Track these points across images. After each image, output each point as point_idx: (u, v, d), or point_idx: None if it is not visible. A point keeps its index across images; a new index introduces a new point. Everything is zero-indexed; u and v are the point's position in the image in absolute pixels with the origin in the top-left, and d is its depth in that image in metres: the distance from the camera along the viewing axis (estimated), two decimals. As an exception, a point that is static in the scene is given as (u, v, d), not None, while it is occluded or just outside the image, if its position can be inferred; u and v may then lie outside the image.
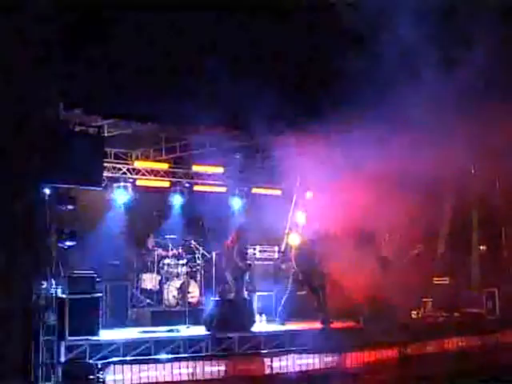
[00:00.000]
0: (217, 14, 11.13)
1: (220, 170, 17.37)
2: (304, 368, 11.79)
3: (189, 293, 14.73)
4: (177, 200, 16.97)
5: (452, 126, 12.67)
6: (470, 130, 12.48)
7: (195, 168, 17.10)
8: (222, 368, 10.95)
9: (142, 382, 10.30)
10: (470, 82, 11.80)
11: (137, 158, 16.66)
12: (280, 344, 12.04)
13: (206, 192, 17.33)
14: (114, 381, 10.11)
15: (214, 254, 14.70)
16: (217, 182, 17.62)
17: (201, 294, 15.27)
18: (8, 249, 10.15)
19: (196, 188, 17.28)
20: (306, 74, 12.07)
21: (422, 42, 11.67)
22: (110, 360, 10.35)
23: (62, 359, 10.17)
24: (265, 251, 15.80)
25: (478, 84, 12.13)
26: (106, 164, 14.43)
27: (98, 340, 10.75)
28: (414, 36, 11.55)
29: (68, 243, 12.40)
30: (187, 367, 10.69)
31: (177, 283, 15.25)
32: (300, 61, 12.20)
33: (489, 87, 12.39)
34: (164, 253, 15.80)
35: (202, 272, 15.37)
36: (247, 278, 13.98)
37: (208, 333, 11.84)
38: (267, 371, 11.39)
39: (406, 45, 11.58)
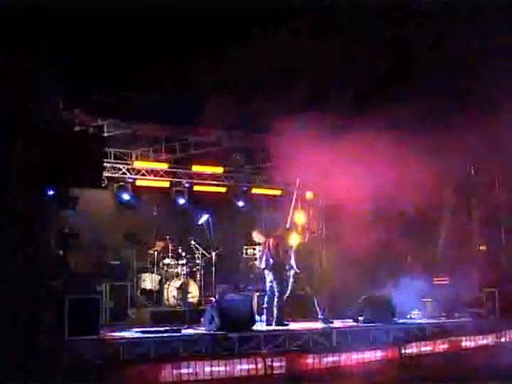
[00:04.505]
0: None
1: (220, 170, 17.39)
2: (304, 368, 11.77)
3: (189, 293, 14.73)
4: (177, 200, 16.99)
5: None
6: None
7: (195, 168, 17.11)
8: (222, 368, 10.94)
9: (142, 381, 10.29)
10: None
11: (137, 158, 16.67)
12: (280, 344, 12.03)
13: (205, 192, 17.35)
14: (115, 380, 10.11)
15: (213, 254, 14.69)
16: (217, 182, 17.62)
17: (201, 294, 15.27)
18: (8, 249, 10.14)
19: (196, 188, 17.29)
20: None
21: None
22: (110, 360, 10.35)
23: (62, 359, 10.15)
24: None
25: None
26: (106, 164, 14.44)
27: (98, 340, 10.74)
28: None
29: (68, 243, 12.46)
30: (187, 367, 10.69)
31: (177, 283, 15.26)
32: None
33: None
34: (164, 253, 15.82)
35: (202, 272, 15.38)
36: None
37: (208, 333, 11.83)
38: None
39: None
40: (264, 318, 13.41)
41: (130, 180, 16.35)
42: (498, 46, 12.34)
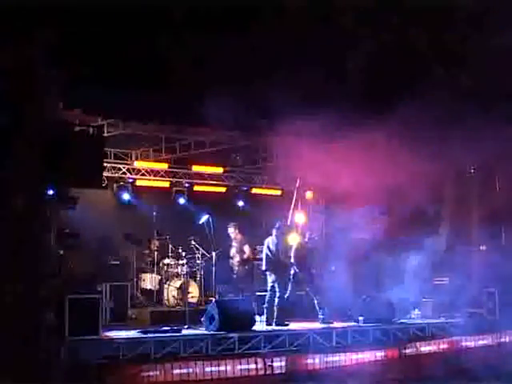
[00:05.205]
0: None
1: (220, 170, 17.41)
2: (304, 368, 11.78)
3: (189, 293, 14.73)
4: (177, 200, 17.01)
5: None
6: None
7: (195, 168, 17.13)
8: (222, 368, 10.94)
9: (142, 381, 10.29)
10: None
11: (137, 158, 16.70)
12: (280, 344, 12.03)
13: (205, 192, 17.37)
14: (115, 380, 10.10)
15: (213, 254, 14.69)
16: (217, 182, 17.64)
17: (201, 294, 15.27)
18: (8, 249, 10.14)
19: (196, 188, 17.31)
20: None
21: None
22: (110, 360, 10.36)
23: (62, 359, 10.15)
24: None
25: None
26: (106, 164, 14.45)
27: (98, 340, 10.74)
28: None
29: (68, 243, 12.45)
30: (187, 367, 10.68)
31: (177, 283, 15.26)
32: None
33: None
34: (164, 253, 15.82)
35: (202, 272, 15.38)
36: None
37: (208, 333, 11.83)
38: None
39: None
40: (264, 318, 13.41)
41: (130, 180, 16.39)
42: (501, 46, 12.34)
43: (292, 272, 13.87)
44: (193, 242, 15.33)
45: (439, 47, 12.37)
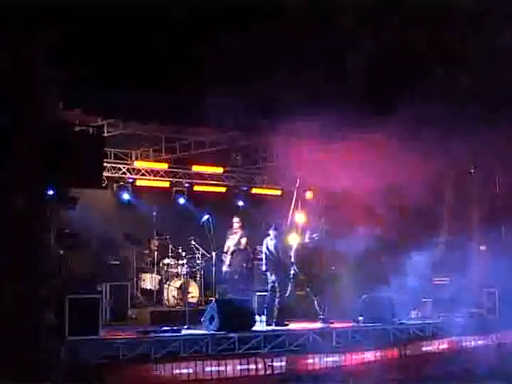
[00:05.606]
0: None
1: (220, 170, 17.41)
2: (304, 368, 11.77)
3: (188, 293, 14.73)
4: (177, 200, 17.01)
5: None
6: None
7: (195, 168, 17.13)
8: (222, 368, 10.94)
9: (142, 381, 10.29)
10: None
11: (137, 158, 16.70)
12: (280, 344, 12.03)
13: (205, 192, 17.38)
14: (115, 380, 10.10)
15: (213, 254, 14.70)
16: (217, 182, 17.64)
17: (201, 294, 15.28)
18: (8, 249, 10.14)
19: (196, 188, 17.31)
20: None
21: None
22: (110, 360, 10.35)
23: (62, 359, 10.14)
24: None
25: None
26: (106, 164, 14.45)
27: (98, 340, 10.74)
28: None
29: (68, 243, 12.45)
30: (187, 367, 10.68)
31: (177, 283, 15.26)
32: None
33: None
34: (164, 253, 15.82)
35: (202, 272, 15.38)
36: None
37: (208, 333, 11.83)
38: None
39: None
40: (264, 318, 13.41)
41: (130, 180, 16.39)
42: (501, 46, 12.35)
43: (292, 272, 13.87)
44: (193, 242, 15.33)
45: (439, 47, 12.37)
